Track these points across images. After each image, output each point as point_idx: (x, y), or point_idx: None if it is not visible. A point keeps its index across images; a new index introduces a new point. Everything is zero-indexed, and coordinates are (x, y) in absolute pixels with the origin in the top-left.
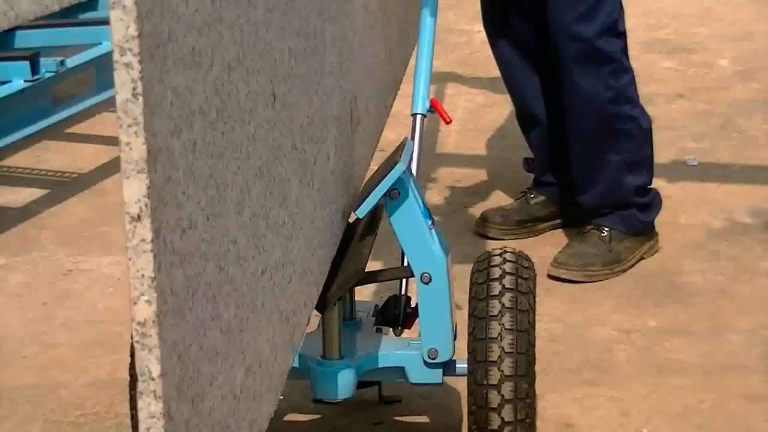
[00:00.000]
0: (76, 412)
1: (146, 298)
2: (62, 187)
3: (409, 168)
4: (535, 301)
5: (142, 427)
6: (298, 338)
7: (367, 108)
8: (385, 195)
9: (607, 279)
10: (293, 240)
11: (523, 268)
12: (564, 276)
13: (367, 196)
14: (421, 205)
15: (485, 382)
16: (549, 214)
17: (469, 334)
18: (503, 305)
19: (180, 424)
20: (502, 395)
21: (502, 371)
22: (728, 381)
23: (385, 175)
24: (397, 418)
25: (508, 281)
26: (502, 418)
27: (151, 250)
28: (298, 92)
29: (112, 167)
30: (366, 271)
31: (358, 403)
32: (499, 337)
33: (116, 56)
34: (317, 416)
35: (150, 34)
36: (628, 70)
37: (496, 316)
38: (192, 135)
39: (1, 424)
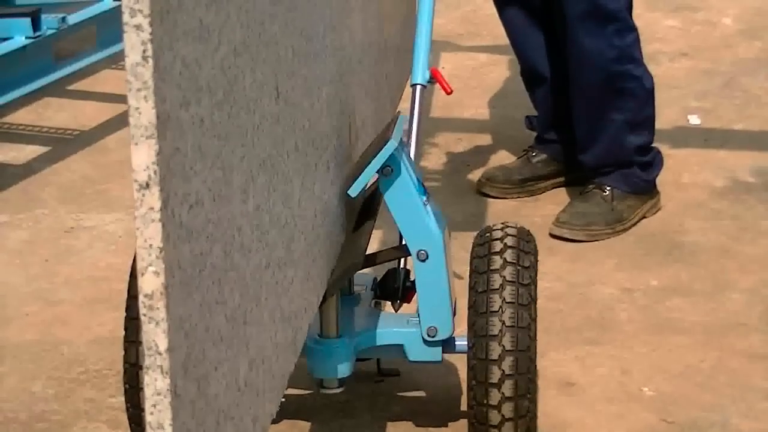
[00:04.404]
0: (78, 369)
1: (154, 269)
2: (64, 144)
3: (401, 144)
4: (536, 276)
5: (147, 404)
6: (299, 343)
7: (364, 126)
8: (378, 172)
9: (609, 238)
10: (295, 241)
11: (525, 242)
12: (566, 235)
13: (359, 175)
14: (416, 180)
15: (486, 357)
16: (551, 173)
17: (470, 308)
18: (504, 279)
19: (186, 403)
20: (503, 370)
21: (503, 346)
22: (729, 340)
23: (377, 153)
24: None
25: (509, 255)
26: (503, 394)
27: (160, 220)
28: (301, 93)
29: (113, 124)
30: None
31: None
32: (500, 311)
33: (126, 18)
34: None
35: None
36: (632, 28)
37: (497, 289)
38: (200, 110)
39: (3, 380)
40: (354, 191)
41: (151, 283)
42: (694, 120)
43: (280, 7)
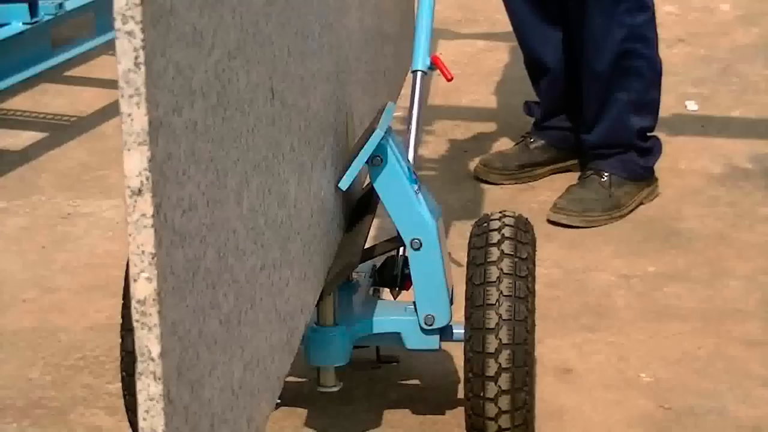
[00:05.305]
0: (75, 355)
1: (146, 275)
2: (61, 130)
3: (389, 133)
4: (534, 267)
5: (140, 409)
6: (295, 342)
7: (362, 124)
8: (367, 162)
9: (606, 224)
10: (291, 241)
11: (523, 233)
12: (563, 221)
13: (349, 166)
14: (406, 169)
15: (482, 350)
16: (548, 159)
17: (467, 300)
18: (502, 271)
19: (180, 408)
20: (500, 363)
21: (500, 339)
22: (727, 327)
23: (365, 143)
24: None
25: (507, 246)
26: (500, 387)
27: (152, 226)
28: (296, 93)
29: (111, 111)
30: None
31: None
32: (496, 304)
33: (118, 24)
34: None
35: (152, 3)
36: (646, 8)
37: (494, 282)
38: (193, 114)
39: (0, 366)
40: (344, 184)
41: (143, 289)
42: (692, 106)
43: (274, 7)
